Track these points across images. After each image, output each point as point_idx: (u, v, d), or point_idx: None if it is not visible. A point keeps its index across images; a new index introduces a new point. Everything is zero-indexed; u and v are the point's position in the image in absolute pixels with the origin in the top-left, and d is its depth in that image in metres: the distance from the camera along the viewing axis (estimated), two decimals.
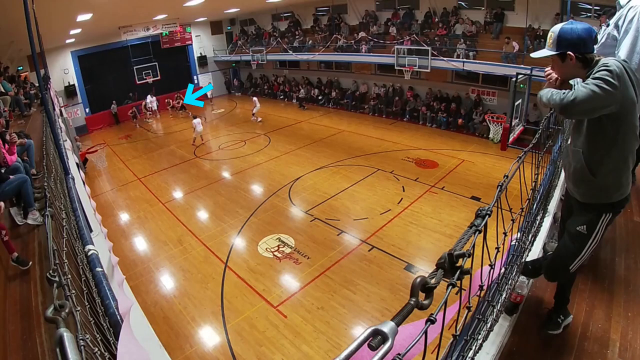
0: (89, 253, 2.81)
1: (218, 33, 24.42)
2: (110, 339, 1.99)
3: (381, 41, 16.29)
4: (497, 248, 1.52)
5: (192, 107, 20.95)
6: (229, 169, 12.52)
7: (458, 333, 1.17)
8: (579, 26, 1.75)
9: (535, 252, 2.79)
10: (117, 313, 2.24)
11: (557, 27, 1.80)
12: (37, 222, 3.77)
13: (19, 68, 15.62)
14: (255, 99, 18.08)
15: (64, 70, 18.60)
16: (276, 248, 7.81)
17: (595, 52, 1.79)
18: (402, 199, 9.34)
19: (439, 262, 0.95)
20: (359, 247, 7.64)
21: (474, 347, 1.68)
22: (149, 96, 20.85)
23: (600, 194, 1.88)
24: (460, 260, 0.94)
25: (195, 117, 15.11)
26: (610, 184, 1.84)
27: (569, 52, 1.77)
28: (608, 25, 2.88)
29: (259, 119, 17.74)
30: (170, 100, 21.65)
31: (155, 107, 21.04)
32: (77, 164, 7.38)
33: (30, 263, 3.13)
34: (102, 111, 20.06)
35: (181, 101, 21.24)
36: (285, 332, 5.69)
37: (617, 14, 2.70)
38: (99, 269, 2.61)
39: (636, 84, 1.65)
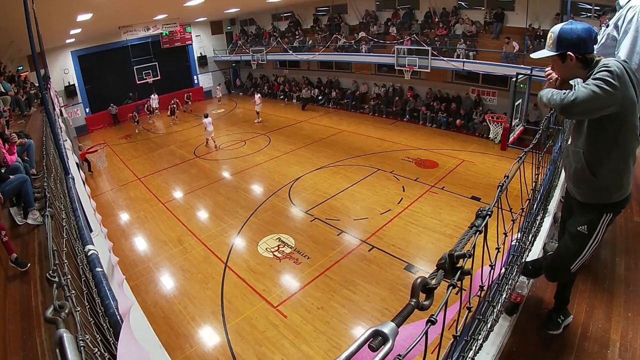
0: (89, 253, 2.81)
1: (218, 33, 24.42)
2: (110, 339, 1.99)
3: (381, 41, 16.29)
4: (498, 248, 1.52)
5: (202, 106, 20.92)
6: (229, 169, 12.52)
7: (458, 333, 1.17)
8: (578, 26, 1.75)
9: (535, 253, 2.79)
10: (117, 313, 2.24)
11: (557, 28, 1.80)
12: (37, 222, 3.77)
13: (19, 68, 15.62)
14: (258, 95, 17.68)
15: (64, 70, 18.59)
16: (276, 248, 7.81)
17: (595, 52, 1.79)
18: (402, 199, 9.34)
19: (440, 262, 0.95)
20: (359, 247, 7.64)
21: (474, 348, 1.68)
22: (152, 95, 20.69)
23: (600, 194, 1.87)
24: (461, 260, 0.94)
25: (206, 116, 14.19)
26: (611, 184, 1.84)
27: (569, 53, 1.76)
28: (608, 26, 2.88)
29: (259, 119, 17.51)
30: (177, 101, 20.19)
31: (156, 105, 20.69)
32: (77, 163, 7.38)
33: (29, 265, 3.12)
34: (102, 111, 20.07)
35: (191, 101, 20.94)
36: (285, 332, 5.69)
37: (617, 14, 2.70)
38: (98, 269, 2.61)
39: (636, 85, 1.65)
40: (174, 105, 19.25)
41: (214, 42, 24.28)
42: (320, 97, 20.05)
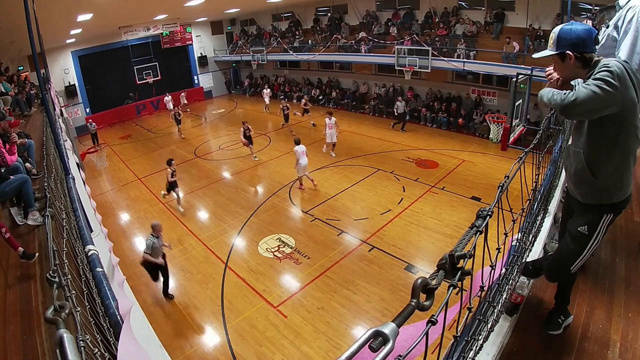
0: (89, 253, 2.81)
1: (218, 33, 24.43)
2: (111, 339, 1.99)
3: (381, 41, 16.29)
4: (498, 249, 1.52)
5: (202, 106, 20.40)
6: (229, 169, 12.52)
7: (459, 334, 1.17)
8: (578, 27, 1.75)
9: (535, 253, 2.79)
10: (117, 313, 2.24)
11: (558, 28, 1.82)
12: (37, 223, 3.77)
13: (20, 68, 15.63)
14: (333, 119, 11.99)
15: (64, 70, 18.62)
16: (276, 248, 7.81)
17: (595, 52, 1.79)
18: (402, 199, 9.34)
19: (440, 263, 0.95)
20: (359, 247, 7.64)
21: (474, 348, 1.68)
22: (166, 97, 19.39)
23: (601, 194, 1.87)
24: (462, 261, 0.94)
25: (298, 143, 9.98)
26: (611, 185, 1.84)
27: (568, 52, 1.77)
28: (608, 27, 2.87)
29: (333, 152, 12.65)
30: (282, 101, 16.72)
31: (172, 107, 18.89)
32: (77, 163, 7.38)
33: (37, 254, 3.15)
34: (102, 111, 20.08)
35: (304, 103, 16.05)
36: (286, 332, 5.69)
37: (617, 15, 2.70)
38: (99, 269, 2.60)
39: (637, 85, 1.64)
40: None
41: (215, 42, 24.29)
42: (320, 97, 20.05)
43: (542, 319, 2.30)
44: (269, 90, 19.81)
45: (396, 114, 15.00)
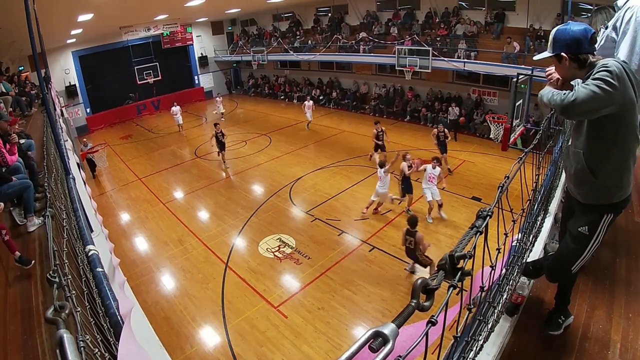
0: (90, 253, 2.81)
1: (219, 33, 24.45)
2: (111, 339, 1.99)
3: (382, 41, 16.29)
4: (498, 249, 1.52)
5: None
6: (230, 169, 12.52)
7: (459, 334, 1.17)
8: (574, 27, 1.75)
9: (536, 253, 2.78)
10: (117, 313, 2.24)
11: (555, 29, 1.83)
12: (36, 227, 3.77)
13: (20, 68, 15.63)
14: (437, 170, 8.31)
15: (64, 70, 18.64)
16: (277, 248, 7.81)
17: (594, 53, 1.79)
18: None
19: (440, 263, 0.95)
20: (359, 247, 7.64)
21: (474, 348, 1.68)
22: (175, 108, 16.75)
23: (601, 194, 1.87)
24: (462, 261, 0.94)
25: (382, 165, 8.27)
26: (611, 185, 1.84)
27: (562, 53, 1.77)
28: (606, 27, 2.87)
29: (442, 214, 8.46)
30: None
31: (180, 121, 17.02)
32: (77, 163, 7.39)
33: (33, 262, 3.13)
34: (103, 111, 20.09)
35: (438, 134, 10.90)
36: (286, 332, 5.69)
37: (615, 16, 2.69)
38: (99, 269, 2.60)
39: (636, 85, 1.65)
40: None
41: (215, 43, 24.31)
42: (321, 97, 20.05)
43: (542, 319, 2.29)
44: (311, 102, 15.56)
45: (449, 122, 13.53)
